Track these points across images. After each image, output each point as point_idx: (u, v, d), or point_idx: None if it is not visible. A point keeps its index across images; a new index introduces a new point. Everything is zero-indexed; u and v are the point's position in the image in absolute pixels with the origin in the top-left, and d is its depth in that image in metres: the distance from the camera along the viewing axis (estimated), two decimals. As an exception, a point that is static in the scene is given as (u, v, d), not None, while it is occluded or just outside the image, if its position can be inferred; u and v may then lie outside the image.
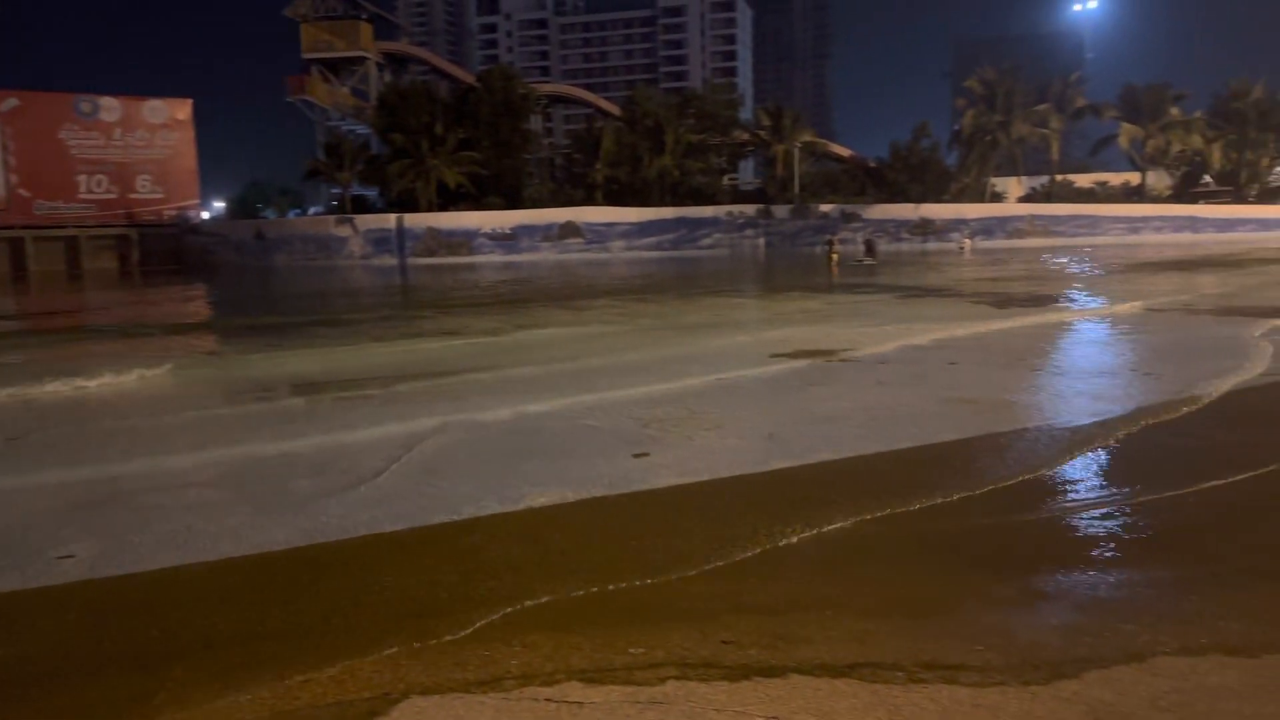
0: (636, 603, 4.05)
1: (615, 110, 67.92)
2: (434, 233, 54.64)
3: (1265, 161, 67.11)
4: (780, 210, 61.37)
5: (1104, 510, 5.13)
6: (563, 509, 5.49)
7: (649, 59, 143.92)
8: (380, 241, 54.36)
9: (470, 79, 65.68)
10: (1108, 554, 4.43)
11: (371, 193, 61.94)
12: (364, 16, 66.17)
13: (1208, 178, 67.81)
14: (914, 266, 36.58)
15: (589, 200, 60.82)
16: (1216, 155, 65.47)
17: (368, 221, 55.29)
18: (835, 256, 35.82)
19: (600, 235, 58.18)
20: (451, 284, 32.82)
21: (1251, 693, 3.02)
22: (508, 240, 56.30)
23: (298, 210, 73.95)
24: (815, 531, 5.02)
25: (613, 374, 10.63)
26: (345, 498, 5.87)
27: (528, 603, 4.08)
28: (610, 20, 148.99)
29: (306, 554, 4.90)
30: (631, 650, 3.52)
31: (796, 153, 63.04)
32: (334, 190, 64.09)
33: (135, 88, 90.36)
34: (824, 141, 73.89)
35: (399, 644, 3.71)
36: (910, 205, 61.20)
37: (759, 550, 4.75)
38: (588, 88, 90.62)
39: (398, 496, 5.87)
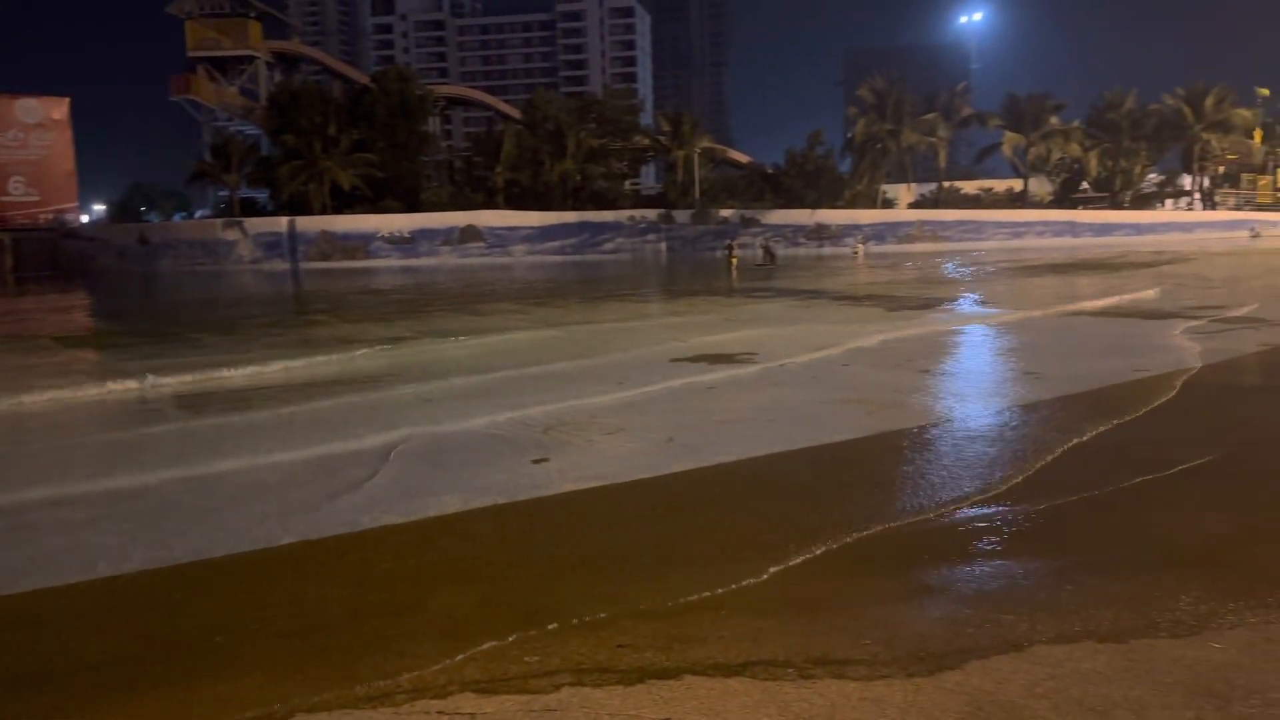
0: (532, 609, 4.01)
1: (515, 113, 67.51)
2: (328, 236, 53.30)
3: (1138, 169, 70.87)
4: (681, 215, 61.92)
5: (986, 505, 5.32)
6: (459, 518, 5.40)
7: (548, 63, 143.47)
8: (271, 245, 52.74)
9: (365, 79, 64.35)
10: (989, 547, 4.59)
11: (261, 195, 60.06)
12: (252, 14, 64.07)
13: (1085, 184, 71.24)
14: (811, 270, 37.35)
15: (490, 204, 60.27)
16: (1093, 163, 68.85)
17: (258, 225, 53.58)
18: (735, 260, 36.36)
19: (502, 239, 57.70)
20: (347, 289, 32.06)
21: (1121, 676, 3.16)
22: (406, 244, 55.32)
23: (183, 214, 71.22)
24: (711, 532, 5.07)
25: (513, 378, 10.53)
26: (233, 514, 5.67)
27: (420, 614, 4.00)
28: (509, 23, 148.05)
29: (191, 571, 4.71)
30: (526, 658, 3.49)
31: (696, 158, 63.72)
32: (222, 193, 61.89)
33: (6, 84, 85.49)
34: (723, 148, 74.94)
35: (286, 660, 3.59)
36: (806, 211, 62.52)
37: (656, 552, 4.78)
38: (487, 90, 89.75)
39: (290, 511, 5.69)
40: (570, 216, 59.95)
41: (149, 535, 5.28)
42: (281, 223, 53.08)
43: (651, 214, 62.04)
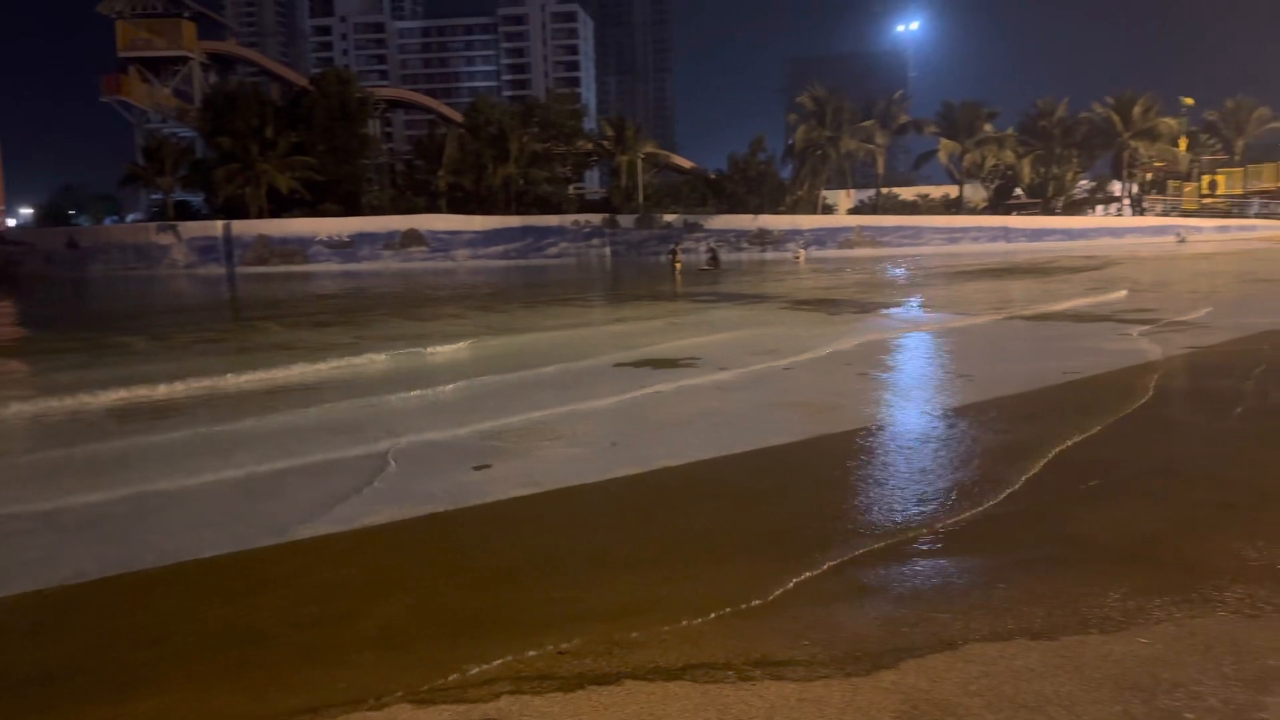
0: (472, 617, 3.98)
1: (458, 117, 67.05)
2: (265, 240, 52.34)
3: (1070, 175, 72.76)
4: (625, 220, 62.04)
5: (923, 504, 5.40)
6: (397, 526, 5.33)
7: (491, 66, 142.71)
8: (206, 250, 51.65)
9: (303, 81, 63.41)
10: (925, 547, 4.66)
11: (196, 199, 58.79)
12: (186, 15, 62.67)
13: (1019, 191, 72.95)
14: (753, 275, 37.66)
15: (432, 207, 59.75)
16: (1026, 170, 70.51)
17: (192, 229, 52.42)
18: (679, 265, 36.51)
19: (444, 244, 57.21)
20: (285, 294, 31.50)
21: (1052, 672, 3.23)
22: (346, 248, 54.57)
23: (115, 217, 69.32)
24: (653, 536, 5.08)
25: (454, 384, 10.43)
26: (158, 522, 5.53)
27: (357, 624, 3.94)
28: (450, 26, 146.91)
29: (119, 583, 4.58)
30: (465, 666, 3.45)
31: (640, 163, 63.89)
32: (155, 196, 60.40)
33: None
34: (666, 153, 75.29)
35: (219, 673, 3.51)
36: (749, 216, 63.09)
37: (598, 557, 4.77)
38: (428, 93, 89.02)
39: (221, 521, 5.57)
40: (514, 221, 59.72)
41: (73, 549, 5.12)
42: (217, 226, 52.00)
43: (595, 218, 62.07)
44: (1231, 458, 6.28)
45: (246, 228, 52.14)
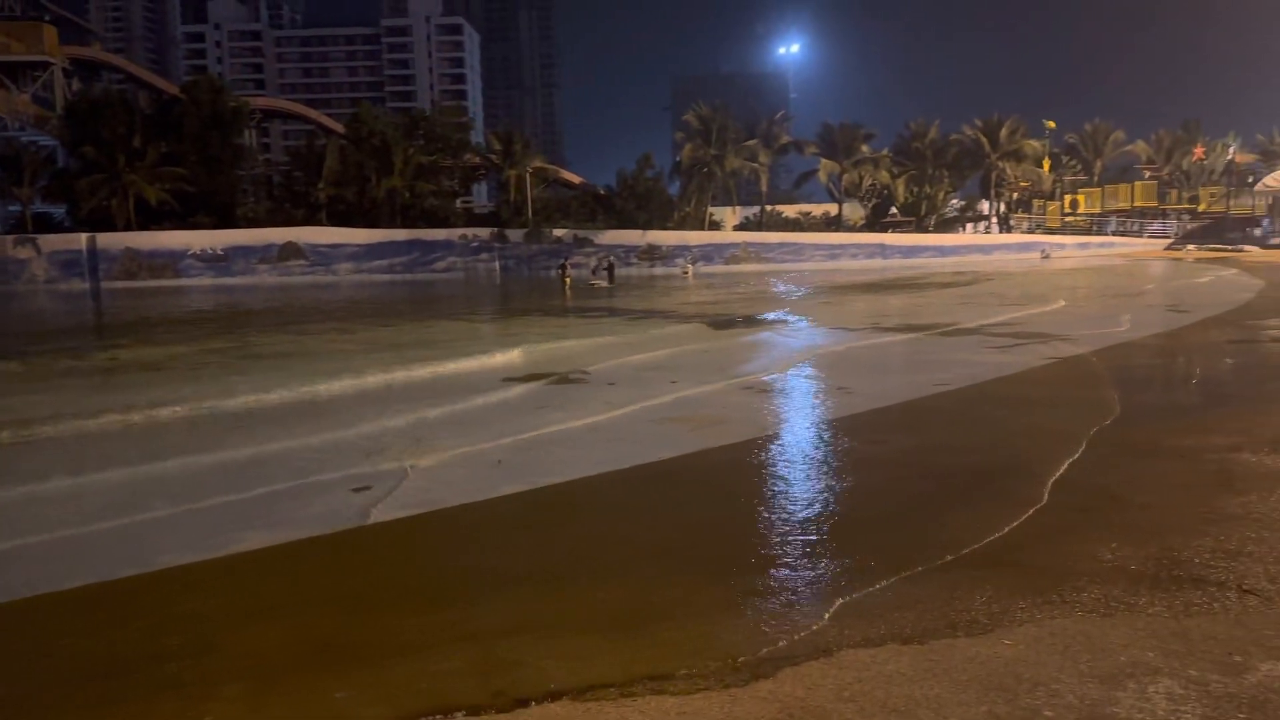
0: (346, 644, 3.86)
1: (339, 128, 65.57)
2: (133, 254, 49.95)
3: (941, 195, 75.93)
4: (515, 234, 61.70)
5: (803, 514, 5.52)
6: (270, 552, 5.14)
7: (374, 77, 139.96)
8: (69, 264, 48.95)
9: (174, 90, 61.00)
10: (805, 555, 4.76)
11: (58, 211, 55.70)
12: (47, 18, 59.53)
13: (895, 209, 75.72)
14: (643, 290, 37.94)
15: (312, 220, 58.11)
16: (901, 189, 73.29)
17: (53, 242, 49.63)
18: (569, 280, 36.54)
19: (325, 257, 55.72)
20: (153, 310, 30.10)
21: (922, 676, 3.34)
22: (220, 262, 52.56)
23: (-34, 229, 64.97)
24: (538, 554, 5.05)
25: (335, 402, 10.16)
26: (11, 554, 5.19)
27: (224, 654, 3.78)
28: (331, 36, 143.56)
29: (-40, 623, 4.28)
30: (338, 694, 3.35)
31: (529, 178, 63.70)
32: (12, 208, 56.97)
33: None
34: (555, 168, 75.30)
35: (78, 708, 3.32)
36: (638, 231, 63.60)
37: (482, 577, 4.71)
38: (308, 104, 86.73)
39: (81, 551, 5.26)
40: (399, 234, 58.66)
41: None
42: (80, 239, 49.35)
43: (484, 233, 61.53)
44: (1088, 463, 6.63)
45: (113, 241, 49.69)
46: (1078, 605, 3.92)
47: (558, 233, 62.13)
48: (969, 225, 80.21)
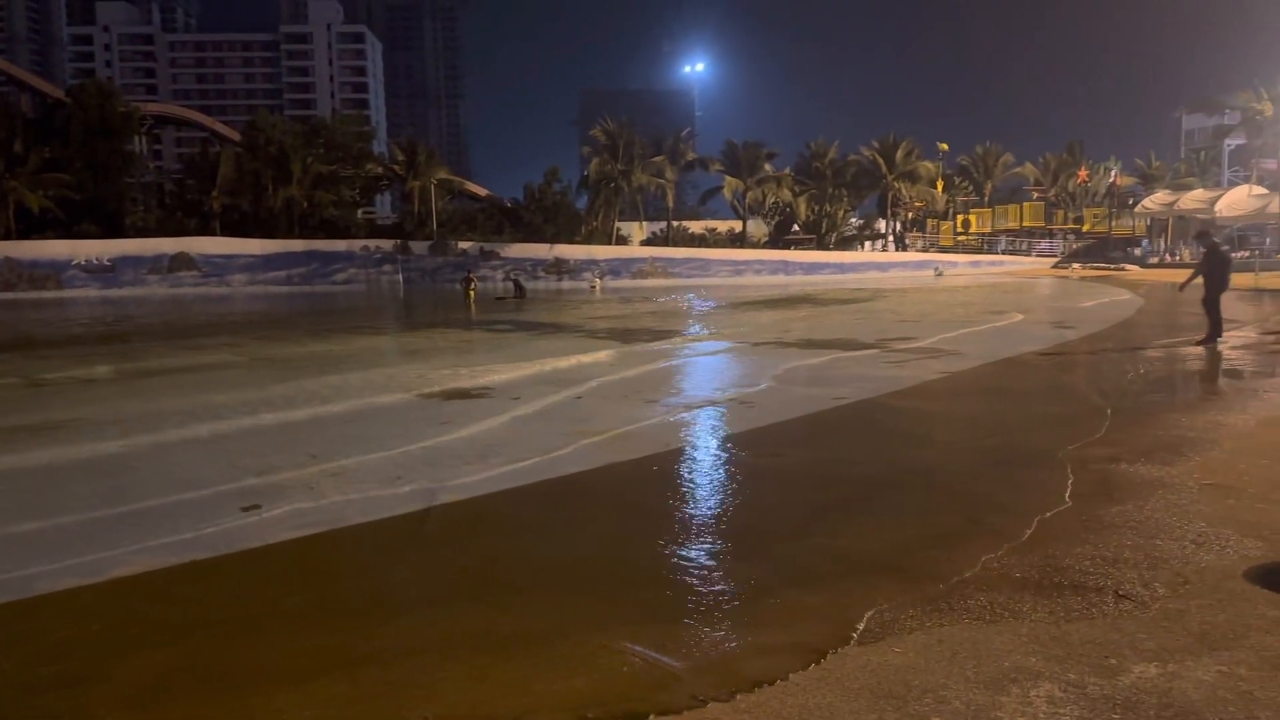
0: (232, 671, 3.72)
1: (234, 135, 63.75)
2: (12, 263, 47.48)
3: (841, 213, 77.97)
4: (419, 246, 60.85)
5: (702, 528, 5.56)
6: (152, 576, 4.92)
7: (272, 84, 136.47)
8: (-60, 274, 46.30)
9: (59, 93, 58.33)
10: (704, 568, 4.79)
11: (-72, 217, 52.60)
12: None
13: (797, 227, 77.40)
14: (551, 304, 37.83)
15: (205, 230, 56.27)
16: (803, 207, 75.00)
17: (-77, 250, 46.91)
18: (473, 293, 36.19)
19: (219, 268, 53.95)
20: (32, 323, 28.65)
21: (815, 685, 3.39)
22: (106, 273, 50.40)
23: None
24: (438, 574, 4.96)
25: (225, 417, 9.81)
26: None
27: (102, 684, 3.60)
28: (227, 41, 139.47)
29: None
30: (222, 724, 3.22)
31: (433, 189, 62.94)
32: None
33: None
34: (460, 179, 74.60)
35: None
36: (545, 245, 63.49)
37: (377, 599, 4.60)
38: (203, 110, 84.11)
39: (-60, 576, 4.95)
40: (297, 245, 57.20)
41: None
42: (-48, 248, 46.77)
43: (387, 244, 60.52)
44: (976, 473, 6.87)
45: (-11, 249, 47.24)
46: (965, 612, 4.05)
47: (463, 245, 61.53)
48: (867, 243, 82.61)
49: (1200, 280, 15.86)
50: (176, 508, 6.29)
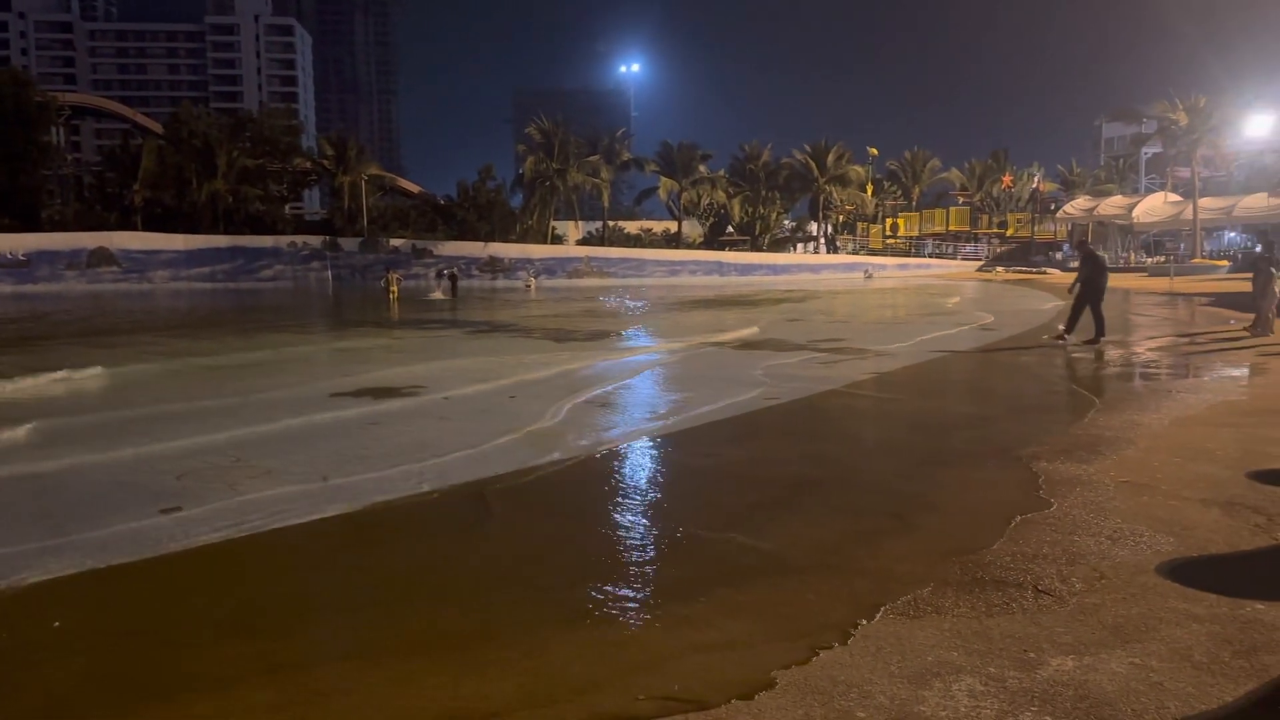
0: (151, 680, 3.60)
1: (157, 127, 61.94)
2: (-83, 257, 45.48)
3: (774, 215, 78.83)
4: (349, 243, 59.84)
5: (634, 528, 5.56)
6: (65, 581, 4.74)
7: (197, 76, 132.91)
8: None
9: (-31, 80, 55.87)
10: (634, 570, 4.79)
11: None
12: None
13: (731, 228, 78.02)
14: (484, 303, 37.54)
15: (126, 224, 54.57)
16: (737, 209, 75.65)
17: None
18: (395, 292, 35.66)
19: (140, 264, 52.36)
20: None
21: (744, 683, 3.41)
22: (20, 268, 48.57)
23: None
24: (363, 578, 4.87)
25: (144, 418, 9.52)
26: None
27: (13, 695, 3.46)
28: (150, 31, 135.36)
29: None
30: (136, 735, 3.11)
31: (364, 185, 61.94)
32: None
33: None
34: (392, 175, 73.63)
35: None
36: (480, 243, 62.94)
37: (301, 604, 4.50)
38: (124, 101, 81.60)
39: None
40: (222, 240, 55.82)
41: None
42: None
43: (315, 241, 59.40)
44: (903, 471, 6.99)
45: (-108, 243, 45.21)
46: (890, 609, 4.11)
47: (395, 242, 60.69)
48: (799, 245, 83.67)
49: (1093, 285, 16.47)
50: (91, 509, 6.08)
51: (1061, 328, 16.37)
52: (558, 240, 70.28)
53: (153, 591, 4.70)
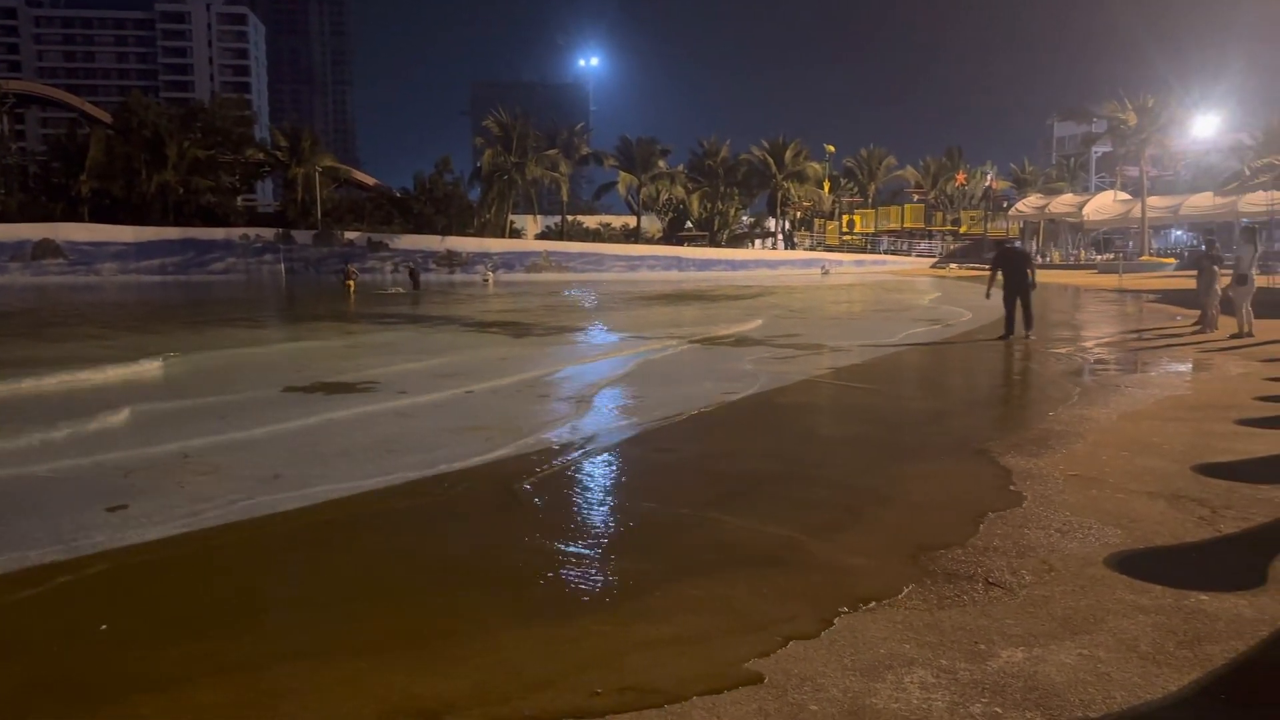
0: (96, 683, 3.51)
1: (105, 117, 60.58)
2: None
3: (733, 211, 79.11)
4: (303, 235, 58.99)
5: (590, 524, 5.54)
6: (10, 580, 4.62)
7: (146, 65, 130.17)
8: None
9: (-94, 65, 54.27)
10: (590, 565, 4.77)
11: None
12: None
13: (690, 224, 78.18)
14: (442, 296, 37.25)
15: (72, 215, 53.31)
16: (695, 204, 75.81)
17: None
18: (352, 285, 35.30)
19: (87, 256, 51.20)
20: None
21: (698, 678, 3.41)
22: (-38, 260, 47.25)
23: None
24: (313, 574, 4.80)
25: (91, 414, 9.30)
26: None
27: (-60, 702, 3.36)
28: (99, 18, 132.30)
29: None
30: (77, 739, 3.03)
31: (318, 177, 61.08)
32: None
33: None
34: (347, 167, 72.68)
35: None
36: (437, 237, 62.41)
37: (250, 601, 4.42)
38: (71, 89, 79.69)
39: None
40: (172, 233, 54.76)
41: None
42: None
43: (268, 233, 58.49)
44: (859, 466, 7.05)
45: None
46: (844, 601, 4.14)
47: (350, 235, 59.97)
48: (757, 241, 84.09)
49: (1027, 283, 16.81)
50: (33, 503, 5.93)
51: (1026, 331, 16.54)
52: (516, 234, 69.86)
53: (100, 589, 4.59)
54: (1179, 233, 79.31)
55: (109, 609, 4.32)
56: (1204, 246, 20.25)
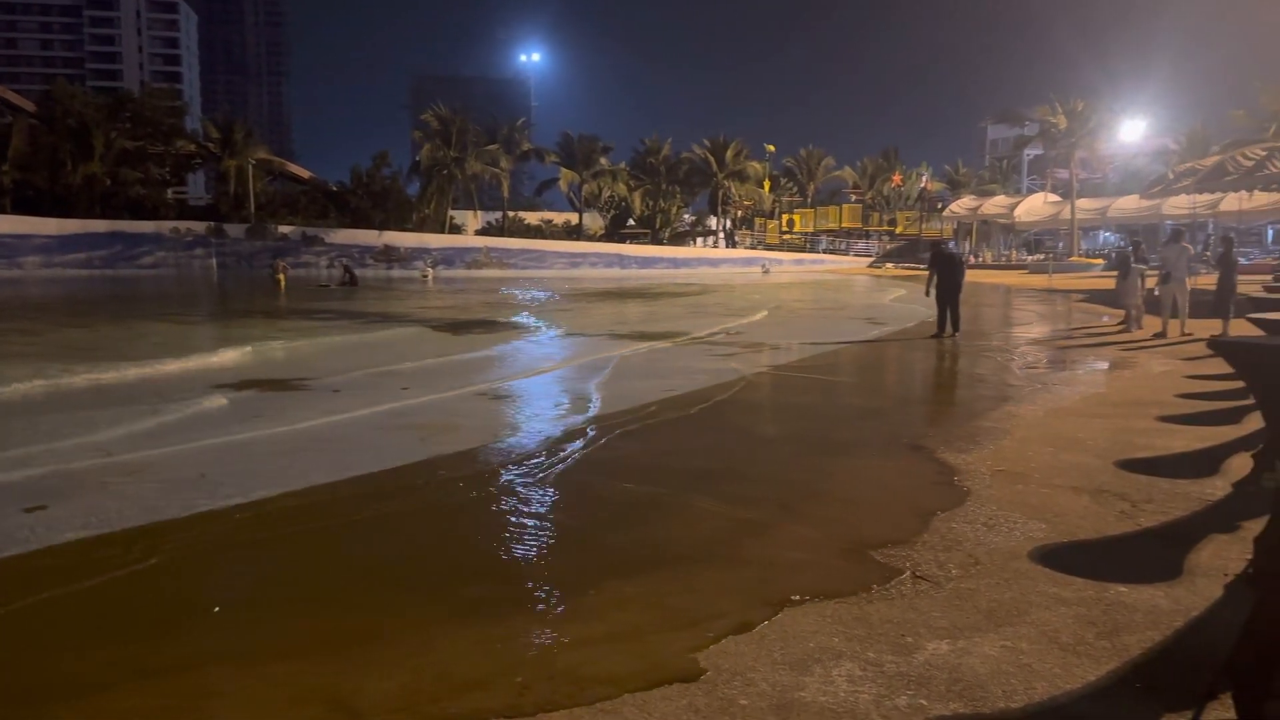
0: (13, 687, 3.40)
1: (29, 106, 58.52)
2: None
3: (674, 209, 79.37)
4: (235, 229, 57.74)
5: (525, 524, 5.51)
6: (-88, 585, 4.44)
7: (72, 53, 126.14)
8: None
9: None
10: (525, 565, 4.76)
11: None
12: None
13: (632, 221, 78.22)
14: (379, 293, 36.72)
15: (-7, 208, 51.40)
16: (638, 202, 75.88)
17: None
18: (283, 280, 34.68)
19: (9, 249, 49.48)
20: None
21: (631, 676, 3.42)
22: (-128, 252, 45.33)
23: None
24: (240, 576, 4.70)
25: (6, 410, 9.00)
26: None
27: None
28: (22, 4, 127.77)
29: None
30: (-12, 748, 2.93)
31: (251, 169, 59.83)
32: None
33: None
34: (281, 160, 71.33)
35: None
36: (374, 232, 61.56)
37: (173, 604, 4.31)
38: (-9, 76, 76.90)
39: None
40: (99, 225, 53.17)
41: None
42: None
43: (200, 227, 57.14)
44: (795, 462, 7.13)
45: None
46: (775, 597, 4.18)
47: (284, 229, 58.83)
48: (699, 239, 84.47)
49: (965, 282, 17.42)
50: (-55, 511, 5.71)
51: (953, 330, 16.99)
52: (456, 230, 69.21)
53: (14, 594, 4.43)
54: (1107, 234, 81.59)
55: (28, 614, 4.18)
56: (1130, 248, 20.85)
